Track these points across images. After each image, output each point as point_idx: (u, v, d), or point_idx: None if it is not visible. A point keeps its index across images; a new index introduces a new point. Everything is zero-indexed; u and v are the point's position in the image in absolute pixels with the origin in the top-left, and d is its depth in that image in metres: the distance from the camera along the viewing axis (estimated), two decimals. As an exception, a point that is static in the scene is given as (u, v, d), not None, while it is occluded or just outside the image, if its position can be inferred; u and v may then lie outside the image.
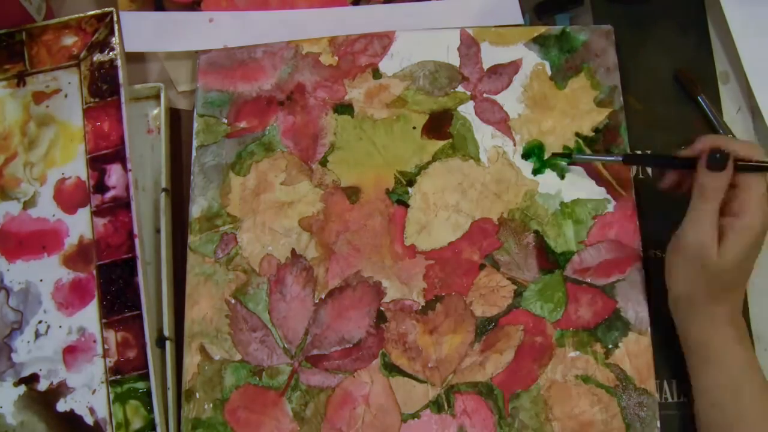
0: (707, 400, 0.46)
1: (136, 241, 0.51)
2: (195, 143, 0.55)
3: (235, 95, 0.57)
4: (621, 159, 0.52)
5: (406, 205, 0.54)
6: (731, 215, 0.45)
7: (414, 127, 0.55)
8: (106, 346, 0.50)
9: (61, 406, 0.50)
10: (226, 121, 0.56)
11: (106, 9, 0.56)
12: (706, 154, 0.45)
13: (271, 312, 0.51)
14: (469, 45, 0.57)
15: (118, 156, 0.54)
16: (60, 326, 0.51)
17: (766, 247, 0.53)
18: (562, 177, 0.54)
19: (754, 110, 0.57)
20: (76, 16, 0.56)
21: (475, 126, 0.55)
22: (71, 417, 0.49)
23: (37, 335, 0.51)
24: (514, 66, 0.57)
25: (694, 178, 0.46)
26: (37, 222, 0.53)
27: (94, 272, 0.52)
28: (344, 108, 0.56)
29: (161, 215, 0.53)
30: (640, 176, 0.55)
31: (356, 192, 0.54)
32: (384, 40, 0.58)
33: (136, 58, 0.59)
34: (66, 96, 0.56)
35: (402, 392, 0.50)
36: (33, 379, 0.50)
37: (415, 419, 0.49)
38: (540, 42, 0.57)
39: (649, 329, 0.50)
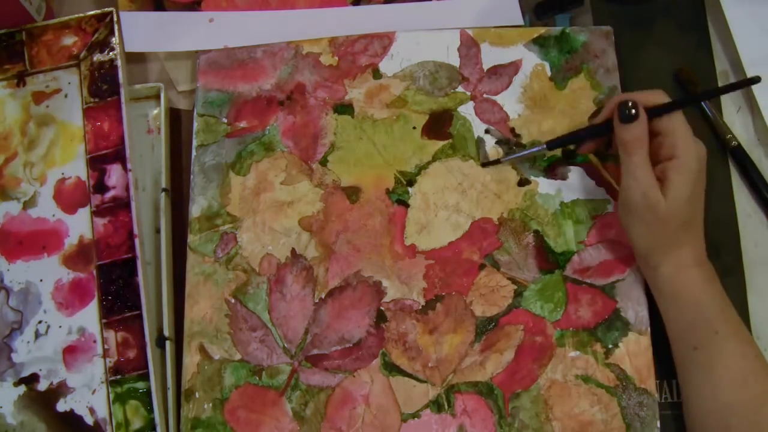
0: (687, 343, 0.46)
1: (136, 241, 0.51)
2: (195, 143, 0.55)
3: (235, 95, 0.57)
4: (545, 147, 0.52)
5: (406, 205, 0.54)
6: (666, 159, 0.46)
7: (414, 127, 0.55)
8: (106, 346, 0.50)
9: (61, 406, 0.50)
10: (226, 120, 0.56)
11: (106, 9, 0.56)
12: (616, 111, 0.47)
13: (271, 311, 0.51)
14: (469, 45, 0.57)
15: (118, 156, 0.54)
16: (60, 326, 0.51)
17: (763, 246, 0.54)
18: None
19: (754, 110, 0.57)
20: (76, 16, 0.57)
21: (475, 126, 0.55)
22: (71, 417, 0.49)
23: (37, 335, 0.51)
24: (514, 66, 0.57)
25: (615, 138, 0.48)
26: (37, 222, 0.53)
27: (94, 272, 0.52)
28: (344, 108, 0.56)
29: (161, 215, 0.53)
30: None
31: (356, 192, 0.54)
32: (384, 40, 0.58)
33: (136, 58, 0.59)
34: (66, 96, 0.56)
35: (402, 392, 0.50)
36: (33, 379, 0.50)
37: (415, 419, 0.49)
38: (540, 43, 0.57)
39: (649, 329, 0.50)
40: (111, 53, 0.56)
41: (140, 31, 0.58)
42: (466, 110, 0.56)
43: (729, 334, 0.45)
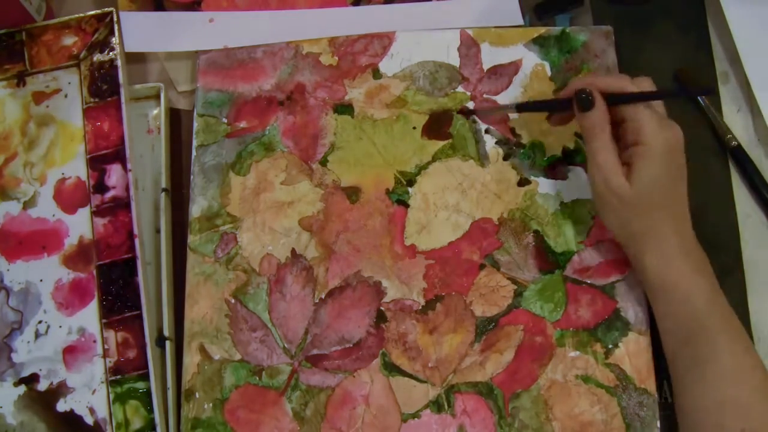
0: (677, 337, 0.45)
1: (136, 241, 0.51)
2: (195, 143, 0.55)
3: (235, 95, 0.57)
4: (515, 107, 0.54)
5: (406, 205, 0.54)
6: (632, 145, 0.46)
7: (414, 127, 0.55)
8: (106, 346, 0.50)
9: (61, 406, 0.50)
10: (226, 121, 0.56)
11: (106, 9, 0.56)
12: (575, 101, 0.47)
13: (271, 312, 0.51)
14: (469, 45, 0.57)
15: (118, 156, 0.54)
16: (60, 326, 0.51)
17: (763, 245, 0.54)
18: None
19: (754, 110, 0.57)
20: (76, 16, 0.56)
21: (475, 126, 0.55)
22: (71, 417, 0.49)
23: (37, 335, 0.51)
24: (514, 66, 0.57)
25: (578, 124, 0.47)
26: (37, 222, 0.53)
27: (94, 272, 0.52)
28: (344, 108, 0.56)
29: (161, 215, 0.53)
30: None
31: (356, 192, 0.54)
32: (384, 40, 0.58)
33: (136, 58, 0.59)
34: (66, 96, 0.56)
35: (402, 392, 0.50)
36: (33, 379, 0.50)
37: (415, 419, 0.49)
38: (540, 43, 0.57)
39: (648, 329, 0.50)
40: (111, 53, 0.56)
41: (140, 31, 0.58)
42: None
43: (719, 329, 0.44)
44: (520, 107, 0.54)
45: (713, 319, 0.44)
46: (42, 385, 0.50)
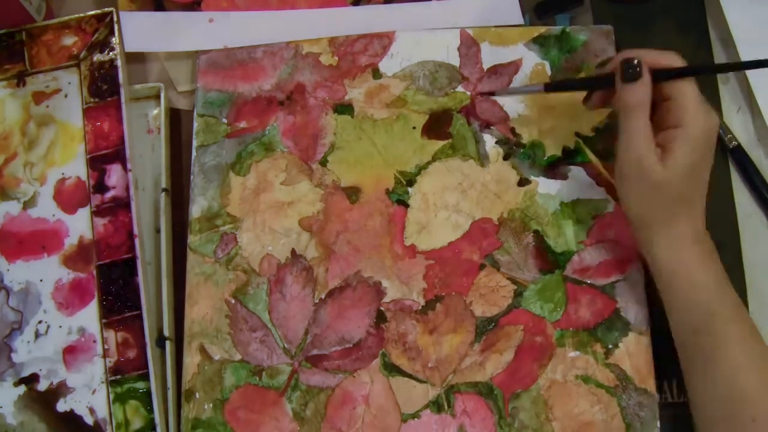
0: (687, 327, 0.44)
1: (136, 241, 0.51)
2: (195, 143, 0.55)
3: (235, 95, 0.57)
4: (543, 88, 0.51)
5: (406, 205, 0.54)
6: (671, 127, 0.44)
7: (414, 127, 0.55)
8: (106, 346, 0.50)
9: (61, 406, 0.50)
10: (226, 121, 0.56)
11: (106, 9, 0.56)
12: (619, 69, 0.44)
13: (271, 312, 0.51)
14: (469, 45, 0.57)
15: (118, 156, 0.54)
16: (60, 326, 0.51)
17: (763, 245, 0.54)
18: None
19: (754, 110, 0.57)
20: (76, 16, 0.56)
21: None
22: (71, 417, 0.49)
23: (37, 335, 0.51)
24: (514, 66, 0.57)
25: (616, 99, 0.45)
26: (37, 222, 0.53)
27: (94, 272, 0.52)
28: (344, 108, 0.56)
29: (161, 215, 0.53)
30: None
31: (356, 192, 0.54)
32: (384, 40, 0.58)
33: (136, 58, 0.59)
34: (66, 96, 0.56)
35: (402, 392, 0.50)
36: (33, 379, 0.50)
37: (415, 419, 0.49)
38: (540, 42, 0.57)
39: (649, 329, 0.50)
40: (111, 53, 0.56)
41: (140, 31, 0.58)
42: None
43: (729, 318, 0.43)
44: (549, 87, 0.51)
45: (722, 308, 0.43)
46: (42, 385, 0.50)
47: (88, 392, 0.50)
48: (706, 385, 0.44)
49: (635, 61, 0.44)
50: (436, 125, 0.55)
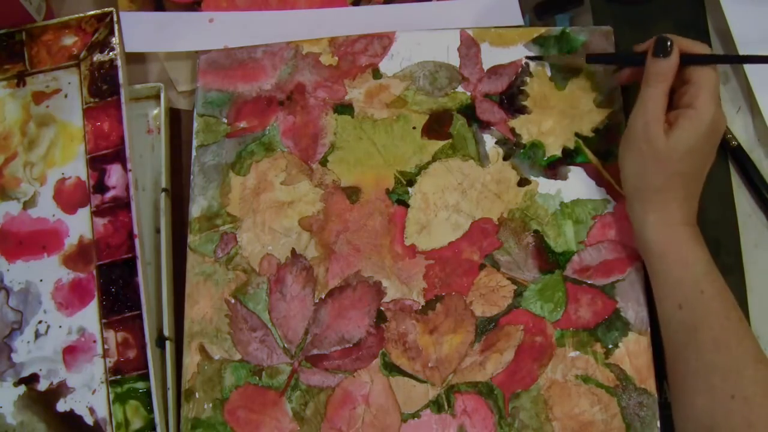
0: (673, 302, 0.46)
1: (136, 241, 0.51)
2: (195, 143, 0.55)
3: (235, 95, 0.57)
4: (585, 57, 0.55)
5: (406, 205, 0.54)
6: (684, 107, 0.47)
7: (414, 127, 0.55)
8: (106, 346, 0.50)
9: (61, 406, 0.50)
10: (226, 121, 0.56)
11: (106, 9, 0.56)
12: (653, 44, 0.47)
13: (271, 312, 0.51)
14: (469, 45, 0.57)
15: (118, 156, 0.54)
16: (60, 326, 0.51)
17: (763, 245, 0.54)
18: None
19: (754, 110, 0.57)
20: (76, 16, 0.56)
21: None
22: (71, 417, 0.49)
23: (37, 335, 0.51)
24: (514, 66, 0.57)
25: (645, 70, 0.48)
26: (37, 222, 0.53)
27: (94, 272, 0.52)
28: (344, 108, 0.56)
29: (161, 215, 0.53)
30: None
31: (356, 192, 0.54)
32: (384, 40, 0.58)
33: (136, 58, 0.59)
34: (66, 96, 0.56)
35: (402, 392, 0.50)
36: (33, 379, 0.50)
37: (415, 419, 0.49)
38: (540, 42, 0.57)
39: (649, 329, 0.50)
40: (111, 53, 0.56)
41: (140, 31, 0.58)
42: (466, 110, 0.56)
43: (714, 295, 0.45)
44: (590, 58, 0.54)
45: (709, 285, 0.45)
46: (42, 385, 0.50)
47: (88, 392, 0.50)
48: (688, 357, 0.45)
49: (670, 39, 0.47)
50: (436, 125, 0.55)
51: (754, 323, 0.52)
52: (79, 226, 0.53)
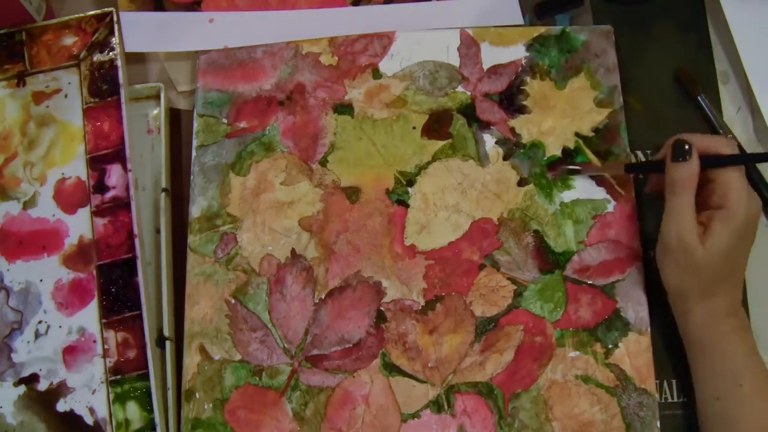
0: (710, 393, 0.46)
1: (136, 241, 0.51)
2: (195, 143, 0.55)
3: (235, 95, 0.57)
4: (623, 169, 0.52)
5: (406, 205, 0.54)
6: (714, 207, 0.45)
7: (414, 127, 0.55)
8: (106, 346, 0.50)
9: (61, 406, 0.50)
10: (226, 121, 0.56)
11: (106, 9, 0.56)
12: (670, 149, 0.46)
13: (271, 312, 0.51)
14: (469, 45, 0.57)
15: (118, 156, 0.54)
16: (60, 326, 0.51)
17: (763, 245, 0.54)
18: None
19: (754, 110, 0.57)
20: (76, 16, 0.56)
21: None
22: (71, 417, 0.49)
23: (37, 335, 0.51)
24: (514, 66, 0.57)
25: (665, 176, 0.46)
26: (37, 222, 0.53)
27: (94, 272, 0.52)
28: (344, 108, 0.56)
29: (161, 215, 0.53)
30: (640, 176, 0.55)
31: (356, 192, 0.54)
32: (384, 40, 0.58)
33: (136, 58, 0.59)
34: (66, 96, 0.56)
35: (402, 392, 0.50)
36: (33, 379, 0.50)
37: (415, 419, 0.49)
38: (540, 42, 0.57)
39: (649, 329, 0.50)
40: (111, 53, 0.56)
41: (140, 31, 0.58)
42: (467, 110, 0.56)
43: (754, 390, 0.44)
44: (629, 167, 0.52)
45: (748, 380, 0.45)
46: (42, 385, 0.50)
47: (88, 392, 0.50)
48: None
49: (686, 141, 0.45)
50: (436, 125, 0.55)
51: (755, 323, 0.52)
52: (79, 226, 0.53)
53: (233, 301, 0.52)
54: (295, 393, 0.50)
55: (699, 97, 0.57)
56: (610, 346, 0.50)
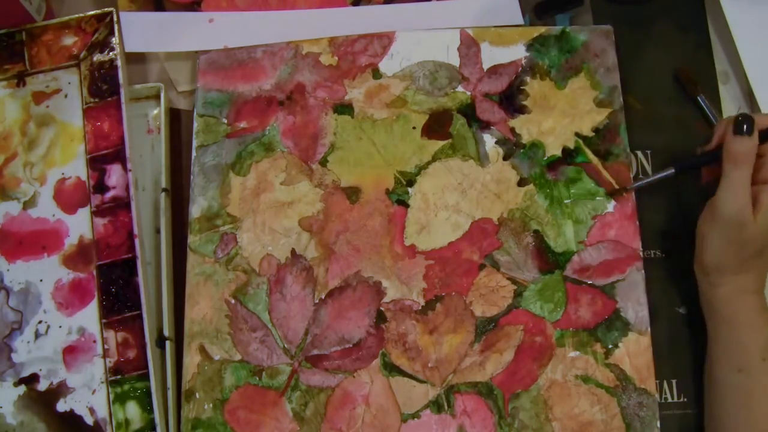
0: (733, 365, 0.46)
1: (136, 241, 0.51)
2: (195, 143, 0.55)
3: (235, 95, 0.57)
4: (673, 172, 0.51)
5: (406, 205, 0.54)
6: (762, 182, 0.46)
7: (414, 127, 0.55)
8: (106, 346, 0.50)
9: (61, 406, 0.50)
10: (226, 121, 0.56)
11: (106, 9, 0.56)
12: (732, 123, 0.46)
13: (271, 312, 0.51)
14: (469, 45, 0.57)
15: (118, 156, 0.54)
16: (60, 326, 0.51)
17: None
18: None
19: (754, 110, 0.57)
20: (76, 16, 0.56)
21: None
22: (71, 417, 0.49)
23: (37, 335, 0.51)
24: (514, 66, 0.57)
25: (724, 150, 0.46)
26: (37, 222, 0.53)
27: (94, 272, 0.52)
28: (344, 108, 0.56)
29: (161, 215, 0.53)
30: (640, 176, 0.55)
31: (356, 192, 0.54)
32: (384, 40, 0.58)
33: (136, 58, 0.59)
34: (66, 96, 0.56)
35: (402, 392, 0.50)
36: (33, 379, 0.50)
37: (415, 419, 0.49)
38: (540, 42, 0.57)
39: (649, 329, 0.50)
40: (111, 53, 0.56)
41: (140, 31, 0.58)
42: (466, 110, 0.56)
43: None
44: (678, 165, 0.51)
45: None
46: (42, 385, 0.50)
47: (88, 392, 0.50)
48: (739, 422, 0.45)
49: (750, 117, 0.46)
50: (436, 125, 0.55)
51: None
52: (79, 226, 0.53)
53: (233, 301, 0.52)
54: (295, 393, 0.50)
55: (699, 97, 0.57)
56: (610, 346, 0.50)
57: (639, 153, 0.56)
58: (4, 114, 0.56)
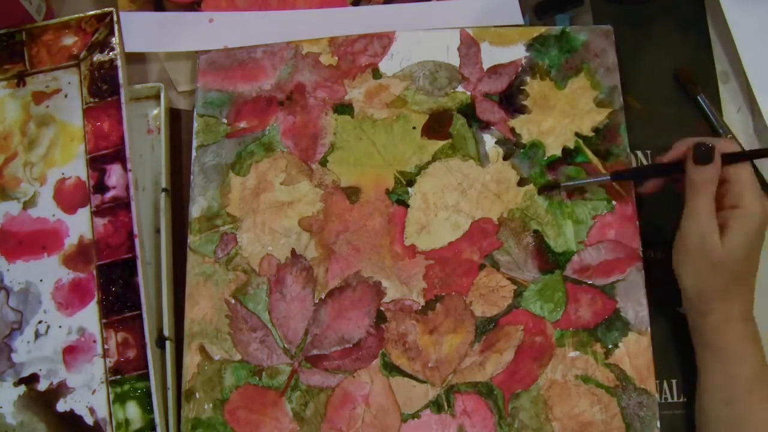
0: (720, 398, 0.46)
1: (136, 241, 0.51)
2: (195, 143, 0.55)
3: (235, 95, 0.57)
4: (609, 178, 0.52)
5: (406, 205, 0.54)
6: (730, 207, 0.46)
7: (414, 127, 0.55)
8: (106, 346, 0.50)
9: (61, 406, 0.50)
10: (226, 121, 0.56)
11: (106, 9, 0.56)
12: (692, 151, 0.47)
13: (271, 312, 0.51)
14: (469, 45, 0.57)
15: (118, 156, 0.54)
16: (60, 326, 0.51)
17: (764, 247, 0.54)
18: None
19: (754, 110, 0.57)
20: (76, 16, 0.56)
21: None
22: (71, 417, 0.49)
23: (37, 335, 0.51)
24: (514, 66, 0.57)
25: (684, 177, 0.47)
26: (37, 222, 0.53)
27: (94, 272, 0.52)
28: (344, 108, 0.56)
29: (161, 215, 0.53)
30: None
31: (356, 192, 0.54)
32: (384, 40, 0.58)
33: (136, 58, 0.59)
34: (66, 96, 0.56)
35: (402, 392, 0.50)
36: (33, 379, 0.50)
37: (415, 419, 0.49)
38: (540, 42, 0.57)
39: (649, 329, 0.50)
40: (111, 53, 0.56)
41: (140, 31, 0.58)
42: (466, 110, 0.56)
43: (763, 397, 0.45)
44: (615, 176, 0.52)
45: (759, 386, 0.45)
46: (42, 385, 0.50)
47: (88, 392, 0.50)
48: None
49: (708, 144, 0.46)
50: (436, 125, 0.55)
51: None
52: (79, 226, 0.53)
53: (233, 301, 0.52)
54: (295, 393, 0.50)
55: (699, 97, 0.57)
56: (610, 346, 0.50)
57: (639, 153, 0.56)
58: (4, 114, 0.56)
